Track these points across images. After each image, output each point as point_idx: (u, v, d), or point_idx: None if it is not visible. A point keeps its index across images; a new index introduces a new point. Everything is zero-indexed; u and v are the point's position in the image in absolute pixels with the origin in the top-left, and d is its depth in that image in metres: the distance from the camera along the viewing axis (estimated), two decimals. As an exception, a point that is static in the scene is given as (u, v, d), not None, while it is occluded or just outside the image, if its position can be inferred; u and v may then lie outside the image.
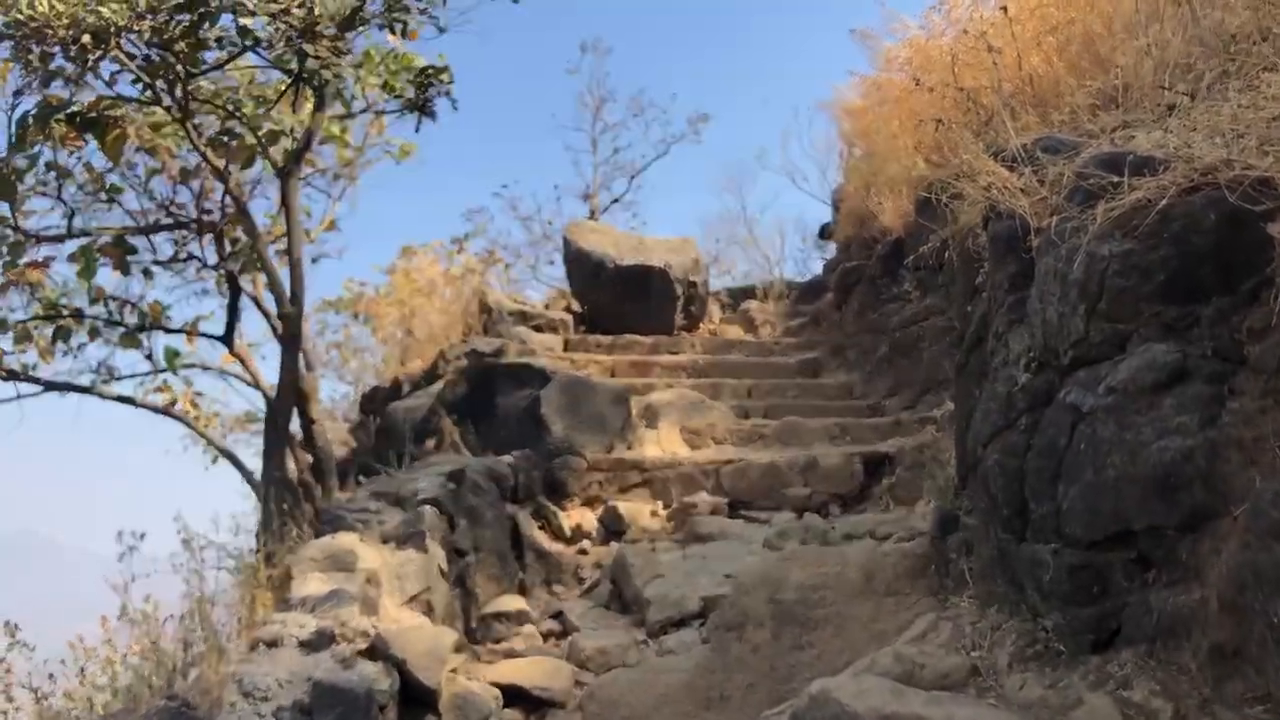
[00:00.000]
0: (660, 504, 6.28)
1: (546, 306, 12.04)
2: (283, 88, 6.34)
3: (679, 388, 7.99)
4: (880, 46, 9.05)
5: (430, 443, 6.42)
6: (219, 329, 7.18)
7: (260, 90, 6.64)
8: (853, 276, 10.07)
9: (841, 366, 8.89)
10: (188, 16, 4.25)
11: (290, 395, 5.31)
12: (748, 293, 15.15)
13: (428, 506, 4.46)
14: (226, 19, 4.41)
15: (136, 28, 4.22)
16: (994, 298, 4.55)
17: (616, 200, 19.19)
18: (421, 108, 6.57)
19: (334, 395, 12.88)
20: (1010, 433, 4.02)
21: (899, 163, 9.63)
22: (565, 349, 9.59)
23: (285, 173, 5.48)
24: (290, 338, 5.33)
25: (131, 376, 7.91)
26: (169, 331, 7.07)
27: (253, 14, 4.22)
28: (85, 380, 7.59)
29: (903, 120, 9.06)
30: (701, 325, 10.86)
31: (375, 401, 9.52)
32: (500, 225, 22.52)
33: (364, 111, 6.74)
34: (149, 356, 7.79)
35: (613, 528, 6.04)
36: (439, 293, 10.27)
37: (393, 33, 6.19)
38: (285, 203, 5.44)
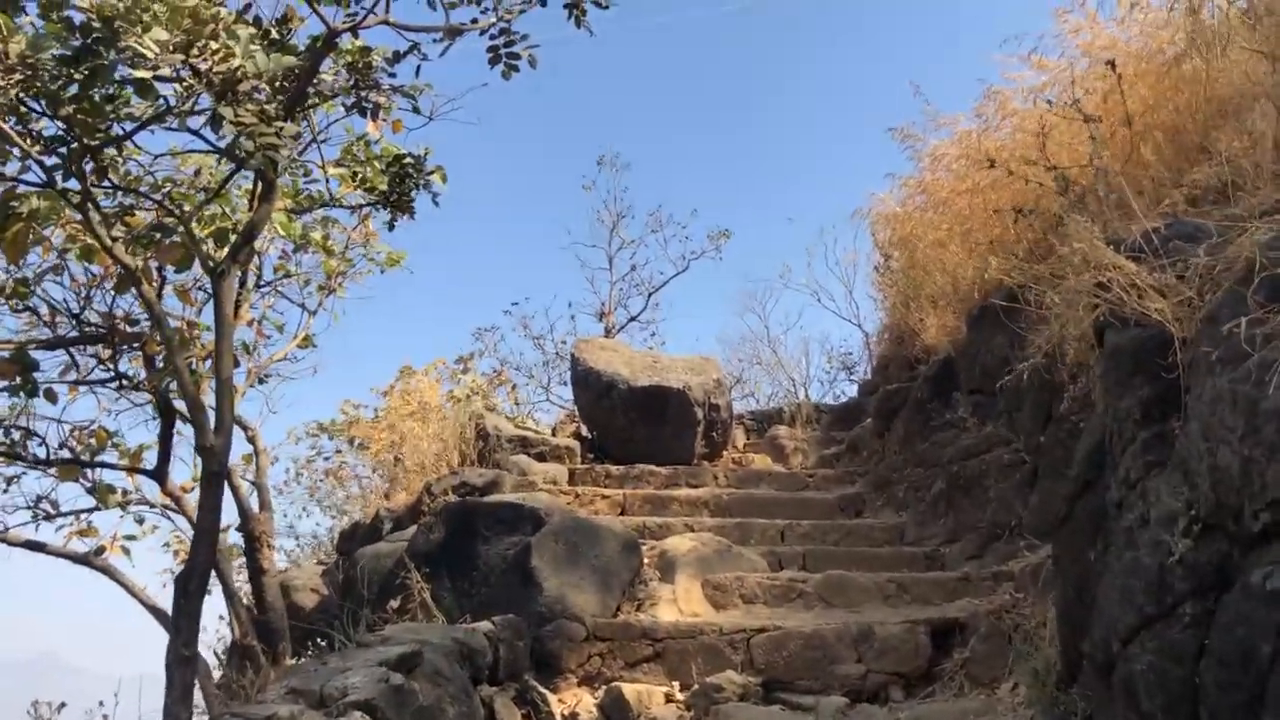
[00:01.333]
0: (676, 685, 5.02)
1: (554, 431, 10.98)
2: (249, 180, 5.45)
3: (700, 531, 6.81)
4: (925, 145, 8.17)
5: (395, 602, 5.25)
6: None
7: (215, 180, 5.76)
8: (895, 400, 8.96)
9: (888, 505, 7.69)
10: (75, 71, 3.34)
11: (207, 550, 4.18)
12: (774, 417, 14.09)
13: (358, 713, 3.28)
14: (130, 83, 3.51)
15: (3, 83, 3.31)
16: (1119, 431, 3.42)
17: (634, 319, 18.35)
18: (397, 203, 5.64)
19: (319, 531, 11.74)
20: (1168, 626, 2.85)
21: (945, 272, 8.63)
22: (571, 480, 8.46)
23: (219, 273, 4.50)
24: (212, 475, 4.25)
25: (69, 514, 6.82)
26: (86, 465, 5.99)
27: (155, 69, 3.30)
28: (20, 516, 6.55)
29: (951, 225, 8.10)
30: (724, 453, 9.72)
31: (353, 540, 8.38)
32: (511, 344, 21.79)
33: (326, 206, 5.80)
34: (91, 491, 6.72)
35: (616, 718, 4.78)
36: (433, 416, 9.20)
37: (363, 114, 5.31)
38: (216, 308, 4.44)
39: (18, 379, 4.90)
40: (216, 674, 6.69)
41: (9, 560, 6.97)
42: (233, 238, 5.28)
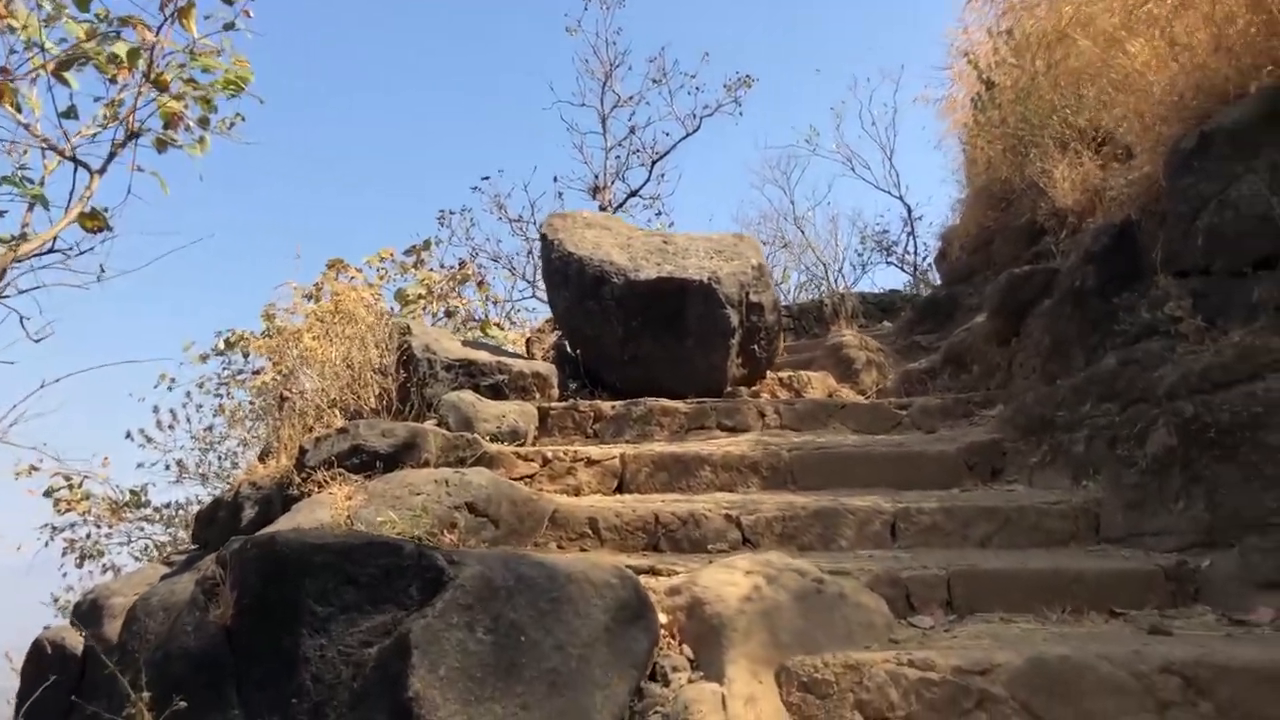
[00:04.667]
0: None
1: (528, 346, 8.03)
2: None
3: (758, 533, 3.90)
4: None
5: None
6: None
7: None
8: (1029, 289, 5.96)
9: (1052, 461, 4.75)
10: None
11: None
12: (810, 312, 11.13)
13: None
14: None
15: None
16: None
17: (634, 193, 15.32)
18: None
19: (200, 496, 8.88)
20: None
21: (1124, 88, 5.53)
22: (542, 427, 5.55)
23: None
24: None
25: None
26: None
27: None
28: None
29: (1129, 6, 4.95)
30: (768, 373, 6.76)
31: (212, 526, 5.53)
32: (486, 229, 18.84)
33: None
34: None
35: None
36: (338, 332, 6.21)
37: None
38: None
39: None
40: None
41: None
42: None
